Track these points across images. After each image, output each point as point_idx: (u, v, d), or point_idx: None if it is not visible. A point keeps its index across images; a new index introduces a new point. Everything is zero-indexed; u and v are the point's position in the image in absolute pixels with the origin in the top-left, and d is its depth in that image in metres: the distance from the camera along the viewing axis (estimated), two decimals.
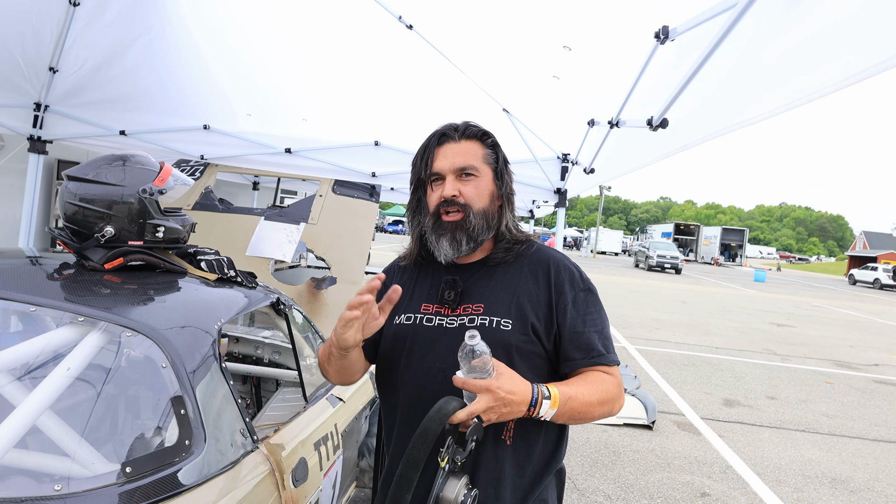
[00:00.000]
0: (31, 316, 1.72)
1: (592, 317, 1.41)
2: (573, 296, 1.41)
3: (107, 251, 1.91)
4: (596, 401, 1.33)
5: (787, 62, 1.27)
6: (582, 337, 1.38)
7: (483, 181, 1.42)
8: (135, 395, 1.74)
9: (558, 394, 1.28)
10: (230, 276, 2.13)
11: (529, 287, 1.41)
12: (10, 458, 1.40)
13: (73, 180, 1.93)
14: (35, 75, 3.37)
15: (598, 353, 1.38)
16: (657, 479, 4.29)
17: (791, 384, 7.74)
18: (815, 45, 1.16)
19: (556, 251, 1.51)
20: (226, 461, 1.53)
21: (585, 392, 1.32)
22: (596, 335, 1.39)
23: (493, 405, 1.22)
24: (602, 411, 1.35)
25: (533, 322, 1.37)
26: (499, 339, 1.34)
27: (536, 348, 1.37)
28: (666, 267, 32.30)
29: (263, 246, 3.88)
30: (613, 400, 1.36)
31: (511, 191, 1.49)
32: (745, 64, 1.40)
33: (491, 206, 1.43)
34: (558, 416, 1.29)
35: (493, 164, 1.45)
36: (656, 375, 7.48)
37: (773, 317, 15.37)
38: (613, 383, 1.37)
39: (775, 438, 5.47)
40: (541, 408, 1.26)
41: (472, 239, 1.40)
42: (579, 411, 1.31)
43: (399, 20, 2.61)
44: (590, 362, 1.37)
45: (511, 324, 1.36)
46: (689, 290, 21.42)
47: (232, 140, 3.94)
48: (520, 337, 1.36)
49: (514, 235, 1.47)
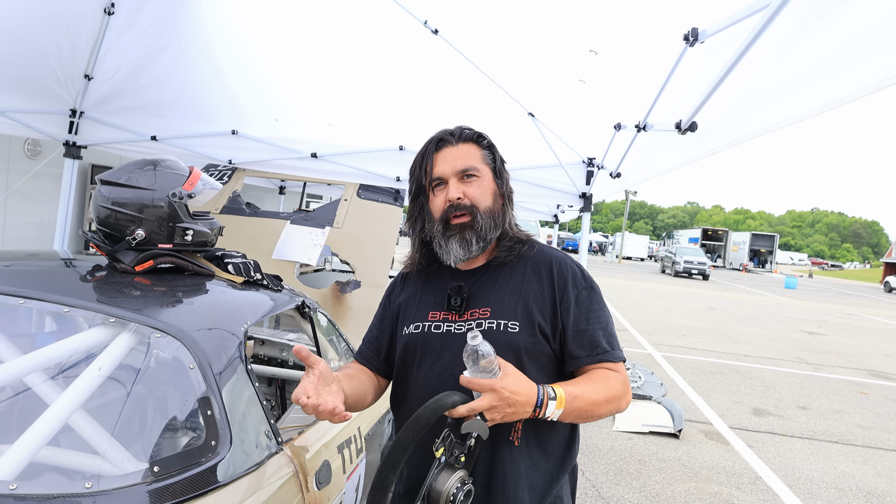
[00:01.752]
0: (65, 316, 1.76)
1: (596, 314, 1.41)
2: (576, 294, 1.41)
3: (137, 254, 1.95)
4: (602, 399, 1.33)
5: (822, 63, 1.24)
6: (586, 335, 1.39)
7: (485, 181, 1.44)
8: (163, 395, 1.77)
9: (564, 394, 1.29)
10: (256, 280, 2.15)
11: (534, 288, 1.42)
12: (43, 455, 1.43)
13: (105, 184, 1.98)
14: (71, 83, 3.46)
15: (602, 349, 1.38)
16: (684, 489, 4.20)
17: (823, 394, 7.53)
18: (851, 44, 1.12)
19: (556, 251, 1.51)
20: (251, 462, 1.54)
21: (592, 391, 1.33)
22: (600, 332, 1.40)
23: (496, 404, 1.23)
24: (609, 409, 1.35)
25: (540, 322, 1.38)
26: (507, 341, 1.36)
27: (544, 348, 1.39)
28: (693, 273, 31.76)
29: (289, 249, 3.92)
30: (620, 397, 1.37)
31: (510, 189, 1.51)
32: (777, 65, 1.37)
33: (495, 204, 1.45)
34: (565, 415, 1.30)
35: (491, 164, 1.47)
36: (683, 383, 7.35)
37: (804, 325, 14.99)
38: (619, 380, 1.38)
39: (807, 450, 5.32)
40: (546, 408, 1.27)
41: (481, 238, 1.41)
42: (586, 410, 1.32)
43: (424, 25, 2.62)
44: (594, 359, 1.38)
45: (518, 326, 1.38)
46: (717, 297, 21.03)
47: (259, 145, 3.99)
48: (528, 338, 1.37)
49: (515, 234, 1.49)
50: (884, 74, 1.00)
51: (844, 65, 1.16)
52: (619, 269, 34.99)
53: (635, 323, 12.10)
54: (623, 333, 10.61)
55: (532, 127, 3.15)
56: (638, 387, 6.68)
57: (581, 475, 4.26)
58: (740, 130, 1.64)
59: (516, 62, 2.81)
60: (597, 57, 2.36)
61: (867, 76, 1.08)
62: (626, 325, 11.75)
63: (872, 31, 1.06)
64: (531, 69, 2.83)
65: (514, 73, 2.88)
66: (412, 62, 3.19)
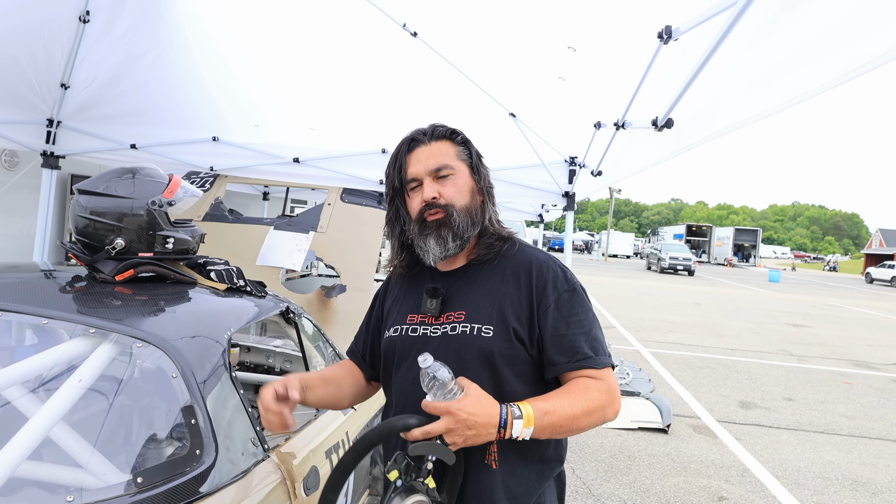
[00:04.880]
0: (44, 328, 1.74)
1: (578, 318, 1.32)
2: (556, 297, 1.33)
3: (117, 263, 1.93)
4: (581, 412, 1.24)
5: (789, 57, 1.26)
6: (565, 340, 1.30)
7: (460, 178, 1.39)
8: (146, 405, 1.75)
9: (533, 411, 1.20)
10: (240, 286, 2.14)
11: (511, 291, 1.35)
12: (24, 470, 1.41)
13: (83, 194, 1.96)
14: (47, 92, 3.42)
15: (583, 355, 1.29)
16: (673, 484, 4.24)
17: (808, 385, 7.63)
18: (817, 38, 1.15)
19: (539, 251, 1.43)
20: (237, 470, 1.53)
21: (567, 405, 1.24)
22: (581, 336, 1.30)
23: (453, 427, 1.17)
24: (591, 421, 1.26)
25: (514, 327, 1.31)
26: (480, 346, 1.30)
27: (520, 354, 1.31)
28: (678, 269, 32.05)
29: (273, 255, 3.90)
30: (602, 407, 1.27)
31: (489, 184, 1.45)
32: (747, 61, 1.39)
33: (472, 201, 1.40)
34: (538, 432, 1.22)
35: (467, 159, 1.42)
36: (671, 378, 7.41)
37: (788, 317, 15.19)
38: (602, 389, 1.28)
39: (793, 440, 5.39)
40: (512, 429, 1.20)
41: (457, 236, 1.37)
42: (562, 425, 1.23)
43: (403, 28, 2.62)
44: (574, 366, 1.29)
45: (493, 330, 1.31)
46: (702, 292, 21.24)
47: (241, 151, 3.97)
48: (502, 343, 1.30)
49: (496, 230, 1.43)
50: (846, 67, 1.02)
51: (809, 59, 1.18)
52: (606, 266, 35.20)
53: (622, 320, 12.17)
54: (611, 331, 10.67)
55: (514, 127, 3.17)
56: (626, 383, 6.72)
57: (571, 472, 4.28)
58: (714, 126, 1.67)
59: (496, 63, 2.82)
60: (575, 54, 2.38)
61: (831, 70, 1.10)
62: (614, 322, 11.82)
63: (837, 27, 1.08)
64: (511, 68, 2.84)
65: (494, 74, 2.89)
66: (392, 65, 3.19)
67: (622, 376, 6.98)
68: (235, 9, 3.13)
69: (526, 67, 2.78)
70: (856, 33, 1.02)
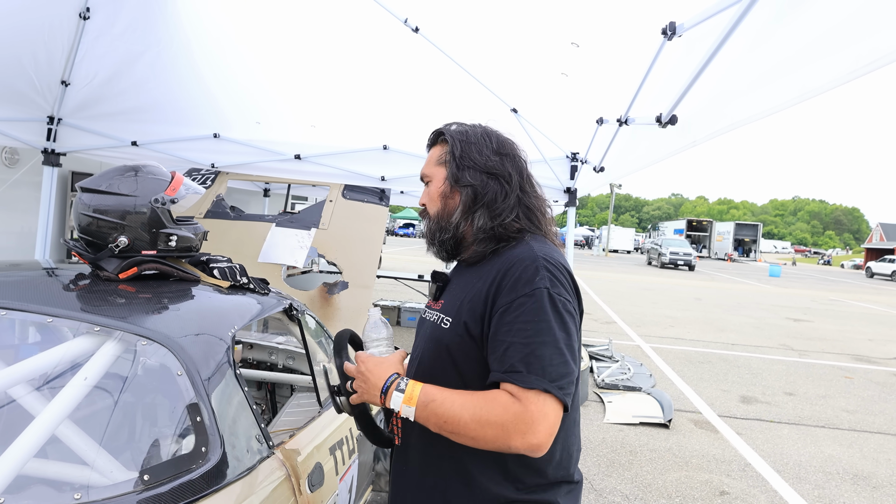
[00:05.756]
0: (49, 327, 1.74)
1: (522, 325, 1.17)
2: (510, 299, 1.20)
3: (121, 261, 1.93)
4: (469, 417, 1.14)
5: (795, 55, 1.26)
6: (501, 346, 1.18)
7: (433, 185, 1.39)
8: (151, 403, 1.76)
9: (419, 393, 1.18)
10: (243, 283, 2.14)
11: (479, 287, 1.28)
12: (31, 468, 1.42)
13: (86, 192, 1.95)
14: (48, 89, 3.41)
15: (510, 368, 1.15)
16: (675, 478, 4.25)
17: (809, 380, 7.65)
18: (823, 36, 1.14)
19: (535, 251, 1.27)
20: (242, 467, 1.54)
21: (459, 403, 1.16)
22: (519, 346, 1.16)
23: (357, 375, 1.29)
24: (484, 435, 1.13)
25: (466, 321, 1.26)
26: (438, 336, 1.31)
27: (471, 351, 1.25)
28: (679, 264, 32.06)
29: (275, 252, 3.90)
30: (504, 426, 1.11)
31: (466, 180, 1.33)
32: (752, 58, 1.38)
33: (444, 205, 1.37)
34: (422, 418, 1.18)
35: (448, 160, 1.37)
36: (672, 373, 7.42)
37: (789, 312, 15.20)
38: (510, 408, 1.12)
39: (794, 435, 5.40)
40: (391, 398, 1.20)
41: (431, 244, 1.40)
42: (446, 421, 1.16)
43: (405, 23, 2.62)
44: (500, 377, 1.16)
45: (450, 322, 1.29)
46: (703, 287, 21.24)
47: (242, 148, 3.96)
48: (454, 336, 1.27)
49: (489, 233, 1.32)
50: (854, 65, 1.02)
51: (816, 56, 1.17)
52: (606, 262, 35.20)
53: (623, 315, 12.18)
54: (611, 326, 10.69)
55: (515, 123, 3.16)
56: (628, 378, 6.73)
57: None
58: (718, 123, 1.66)
59: (498, 58, 2.81)
60: (578, 50, 2.37)
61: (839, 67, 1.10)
62: (615, 317, 11.83)
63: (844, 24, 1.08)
64: (513, 64, 2.84)
65: (496, 70, 2.88)
66: (394, 61, 3.19)
67: (623, 371, 6.99)
68: (235, 6, 3.13)
69: (528, 63, 2.77)
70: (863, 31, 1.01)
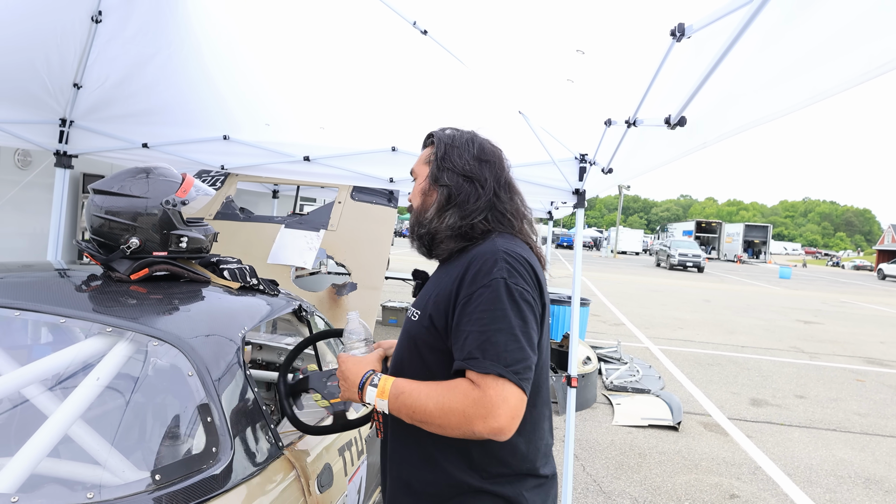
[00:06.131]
0: (61, 327, 1.76)
1: (480, 315, 1.23)
2: (471, 291, 1.26)
3: (132, 262, 1.95)
4: (434, 406, 1.20)
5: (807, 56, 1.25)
6: (462, 336, 1.24)
7: (418, 182, 1.50)
8: (162, 403, 1.77)
9: (390, 386, 1.28)
10: (253, 285, 2.15)
11: (446, 281, 1.34)
12: (44, 467, 1.43)
13: (98, 193, 1.97)
14: (60, 92, 3.44)
15: (468, 355, 1.21)
16: (685, 481, 4.23)
17: (820, 383, 7.58)
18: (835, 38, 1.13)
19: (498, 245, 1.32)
20: (252, 468, 1.55)
21: (425, 393, 1.23)
22: (476, 335, 1.21)
23: (339, 374, 1.40)
24: (449, 422, 1.19)
25: (432, 314, 1.33)
26: (408, 329, 1.41)
27: (438, 343, 1.31)
28: (688, 265, 31.90)
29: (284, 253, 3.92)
30: (464, 412, 1.17)
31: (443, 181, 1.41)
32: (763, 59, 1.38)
33: (422, 202, 1.47)
34: (395, 409, 1.27)
35: (432, 160, 1.46)
36: (681, 375, 7.38)
37: (799, 314, 15.08)
38: (470, 394, 1.18)
39: (805, 438, 5.36)
40: (366, 394, 1.31)
41: (412, 239, 1.50)
42: (415, 411, 1.23)
43: (413, 26, 2.62)
44: (460, 365, 1.22)
45: (418, 315, 1.39)
46: (712, 289, 21.12)
47: (251, 150, 3.98)
48: (421, 329, 1.35)
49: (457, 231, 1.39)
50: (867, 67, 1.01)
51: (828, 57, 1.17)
52: (615, 263, 35.07)
53: (632, 317, 12.13)
54: (620, 328, 10.65)
55: (524, 125, 3.16)
56: (636, 380, 6.70)
57: (581, 469, 4.28)
58: (728, 124, 1.66)
59: (506, 61, 2.81)
60: (584, 56, 2.37)
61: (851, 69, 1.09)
62: (623, 319, 11.79)
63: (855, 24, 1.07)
64: (521, 68, 2.83)
65: (504, 73, 2.88)
66: (402, 63, 3.19)
67: (632, 373, 6.96)
68: (245, 8, 3.15)
69: (535, 68, 2.77)
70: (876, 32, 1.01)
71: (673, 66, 1.81)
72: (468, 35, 2.69)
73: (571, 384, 3.38)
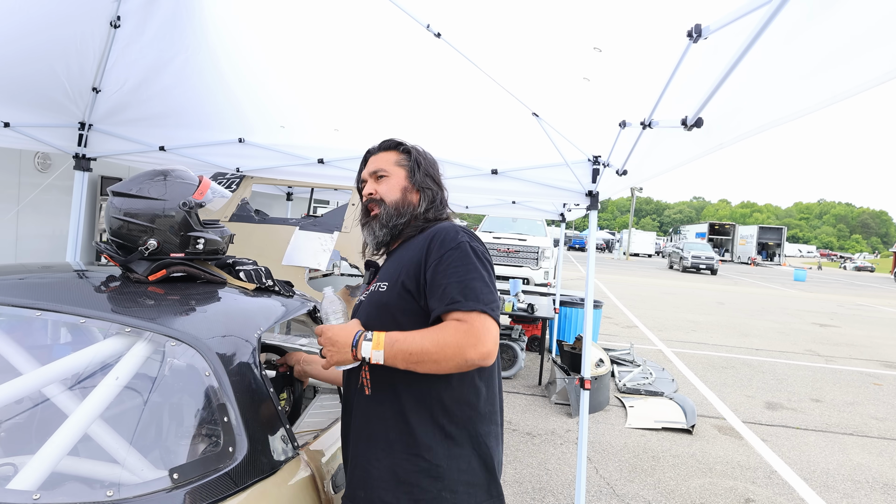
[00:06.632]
0: (81, 327, 1.78)
1: (455, 269, 1.46)
2: (441, 254, 1.50)
3: (150, 263, 1.97)
4: (430, 343, 1.38)
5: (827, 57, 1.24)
6: (440, 288, 1.45)
7: (394, 179, 1.72)
8: (180, 403, 1.79)
9: (383, 337, 1.43)
10: (268, 286, 2.17)
11: (412, 255, 1.57)
12: (64, 465, 1.45)
13: (117, 196, 2.00)
14: (80, 96, 3.50)
15: (452, 300, 1.42)
16: (699, 485, 4.19)
17: (837, 386, 7.49)
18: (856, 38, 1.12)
19: (455, 225, 1.61)
20: (268, 467, 1.56)
21: (418, 337, 1.40)
22: (455, 284, 1.44)
23: (323, 344, 1.50)
24: (446, 355, 1.37)
25: (403, 281, 1.53)
26: (377, 299, 1.58)
27: (410, 305, 1.51)
28: (701, 268, 31.63)
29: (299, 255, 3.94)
30: (458, 344, 1.37)
31: (427, 184, 1.72)
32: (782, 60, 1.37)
33: (403, 197, 1.70)
34: (389, 357, 1.41)
35: (406, 165, 1.74)
36: (694, 378, 7.32)
37: (815, 317, 14.90)
38: (460, 328, 1.39)
39: (822, 442, 5.29)
40: (361, 348, 1.44)
41: (384, 226, 1.68)
42: (412, 353, 1.39)
43: (427, 28, 2.63)
44: (444, 309, 1.42)
45: (387, 286, 1.57)
46: (725, 291, 20.93)
47: (266, 152, 4.01)
48: (393, 296, 1.54)
49: (429, 216, 1.69)
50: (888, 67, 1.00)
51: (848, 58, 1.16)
52: (627, 265, 34.87)
53: (645, 319, 12.06)
54: (633, 330, 10.59)
55: (537, 127, 3.16)
56: (650, 383, 6.66)
57: (594, 472, 4.26)
58: (746, 125, 1.64)
59: (520, 63, 2.81)
60: (601, 54, 2.36)
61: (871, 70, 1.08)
62: (636, 321, 11.72)
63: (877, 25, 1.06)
64: (535, 69, 2.83)
65: (517, 74, 2.88)
66: (416, 66, 3.21)
67: (645, 376, 6.92)
68: (260, 13, 3.17)
69: (550, 67, 2.77)
70: None
71: (689, 67, 1.80)
72: (482, 37, 2.70)
73: (585, 386, 3.37)
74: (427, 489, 1.48)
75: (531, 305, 6.71)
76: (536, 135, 3.22)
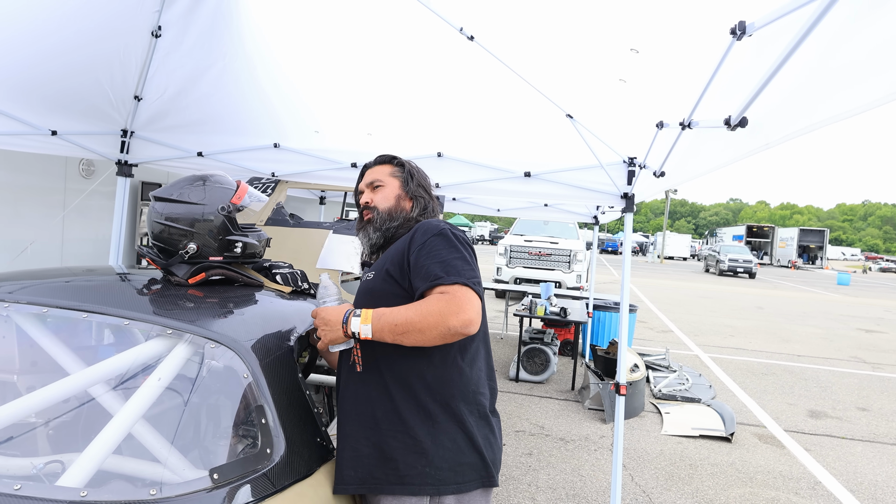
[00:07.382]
0: (125, 329, 1.82)
1: (437, 251, 1.59)
2: (424, 240, 1.63)
3: (190, 267, 2.01)
4: (414, 313, 1.48)
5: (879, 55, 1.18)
6: (423, 269, 1.57)
7: (388, 189, 1.90)
8: (219, 404, 1.82)
9: (371, 313, 1.54)
10: (304, 289, 2.19)
11: (398, 246, 1.72)
12: (110, 464, 1.49)
13: (159, 201, 2.05)
14: (122, 104, 3.60)
15: (435, 276, 1.53)
16: (739, 495, 4.08)
17: (884, 395, 7.20)
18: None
19: (439, 219, 1.77)
20: (305, 469, 1.57)
21: (403, 309, 1.52)
22: (437, 263, 1.55)
23: (317, 325, 1.63)
24: (430, 323, 1.46)
25: (388, 268, 1.67)
26: (365, 286, 1.73)
27: (394, 289, 1.64)
28: (738, 271, 30.84)
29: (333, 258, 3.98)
30: (441, 312, 1.46)
31: (419, 194, 1.91)
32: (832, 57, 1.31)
33: (397, 203, 1.87)
34: (376, 330, 1.52)
35: (400, 176, 1.92)
36: (733, 385, 7.13)
37: (860, 322, 14.37)
38: (442, 298, 1.49)
39: (869, 453, 5.09)
40: (350, 324, 1.55)
41: (377, 229, 1.85)
42: (397, 324, 1.49)
43: (460, 32, 2.63)
44: (428, 286, 1.53)
45: (374, 274, 1.73)
46: (764, 295, 20.37)
47: (300, 157, 4.07)
48: (378, 283, 1.69)
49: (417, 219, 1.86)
50: None
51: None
52: (661, 269, 34.25)
53: (680, 324, 11.82)
54: (668, 335, 10.38)
55: (571, 128, 3.12)
56: (686, 388, 6.52)
57: (630, 479, 4.18)
58: (795, 124, 1.59)
59: (554, 64, 2.78)
60: (638, 56, 2.32)
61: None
62: (671, 325, 11.49)
63: None
64: (569, 71, 2.80)
65: (552, 76, 2.85)
66: (449, 69, 3.21)
67: (682, 381, 6.77)
68: (295, 20, 3.22)
69: (585, 69, 2.73)
70: None
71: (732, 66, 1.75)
72: (516, 39, 2.68)
73: (620, 392, 3.31)
74: (412, 465, 1.55)
75: (564, 309, 6.63)
76: (570, 136, 3.18)
